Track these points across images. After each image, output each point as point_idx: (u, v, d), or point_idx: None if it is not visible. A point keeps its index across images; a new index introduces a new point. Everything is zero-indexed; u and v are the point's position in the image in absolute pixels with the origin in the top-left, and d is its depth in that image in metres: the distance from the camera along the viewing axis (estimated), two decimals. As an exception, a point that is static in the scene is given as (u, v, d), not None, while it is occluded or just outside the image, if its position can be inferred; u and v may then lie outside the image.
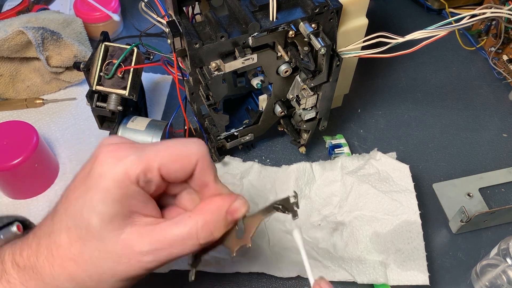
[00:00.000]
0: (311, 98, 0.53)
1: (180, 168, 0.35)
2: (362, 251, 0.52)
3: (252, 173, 0.58)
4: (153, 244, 0.34)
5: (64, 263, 0.34)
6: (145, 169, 0.33)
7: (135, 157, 0.33)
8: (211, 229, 0.35)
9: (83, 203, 0.33)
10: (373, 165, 0.57)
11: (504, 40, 0.69)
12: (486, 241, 0.55)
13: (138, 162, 0.33)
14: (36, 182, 0.58)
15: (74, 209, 0.34)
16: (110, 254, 0.34)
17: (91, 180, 0.33)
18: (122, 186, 0.33)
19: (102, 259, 0.34)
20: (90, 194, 0.33)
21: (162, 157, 0.34)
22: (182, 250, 0.35)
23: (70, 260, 0.34)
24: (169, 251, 0.34)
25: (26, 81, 0.67)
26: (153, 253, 0.34)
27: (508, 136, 0.66)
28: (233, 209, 0.37)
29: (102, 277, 0.34)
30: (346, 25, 0.53)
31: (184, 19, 0.47)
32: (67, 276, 0.34)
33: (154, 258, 0.34)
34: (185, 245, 0.35)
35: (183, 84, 0.51)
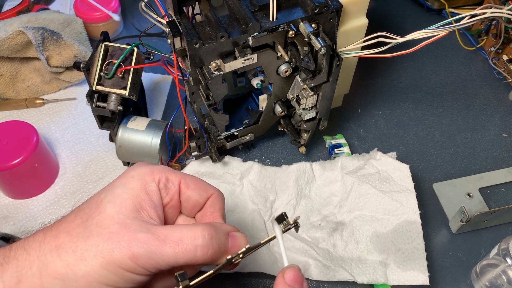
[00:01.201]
0: (311, 98, 0.53)
1: (197, 188, 0.38)
2: (362, 251, 0.52)
3: (252, 173, 0.58)
4: (150, 231, 0.34)
5: (58, 234, 0.34)
6: (168, 175, 0.37)
7: (163, 166, 0.38)
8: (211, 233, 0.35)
9: (105, 188, 0.36)
10: (373, 165, 0.58)
11: (504, 40, 0.69)
12: (486, 241, 0.55)
13: (164, 169, 0.38)
14: (36, 182, 0.58)
15: (93, 196, 0.36)
16: (105, 229, 0.33)
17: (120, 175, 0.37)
18: (145, 180, 0.36)
19: (94, 234, 0.33)
20: (114, 182, 0.36)
21: (186, 175, 0.39)
22: (174, 250, 0.33)
23: (64, 231, 0.34)
24: (161, 244, 0.33)
25: (26, 81, 0.67)
26: (146, 240, 0.33)
27: (508, 136, 0.66)
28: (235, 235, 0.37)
29: (85, 254, 0.33)
30: (346, 25, 0.53)
31: (184, 19, 0.47)
32: (53, 246, 0.34)
33: (145, 245, 0.33)
34: (180, 245, 0.33)
35: (183, 84, 0.51)
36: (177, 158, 0.58)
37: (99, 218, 0.34)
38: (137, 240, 0.33)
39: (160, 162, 0.56)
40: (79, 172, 0.61)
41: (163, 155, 0.57)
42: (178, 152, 0.62)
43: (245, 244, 0.36)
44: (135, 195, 0.35)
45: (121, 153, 0.56)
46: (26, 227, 0.55)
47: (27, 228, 0.55)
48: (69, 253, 0.33)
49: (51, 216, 0.56)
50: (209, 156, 0.60)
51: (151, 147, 0.55)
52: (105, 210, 0.34)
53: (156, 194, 0.37)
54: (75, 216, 0.35)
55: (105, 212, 0.34)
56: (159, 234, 0.34)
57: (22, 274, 0.33)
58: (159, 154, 0.55)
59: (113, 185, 0.36)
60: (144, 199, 0.36)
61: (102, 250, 0.33)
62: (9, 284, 0.33)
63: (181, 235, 0.34)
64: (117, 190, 0.35)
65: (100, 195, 0.36)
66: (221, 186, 0.57)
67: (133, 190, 0.35)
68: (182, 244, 0.34)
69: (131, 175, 0.36)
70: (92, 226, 0.34)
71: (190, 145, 0.57)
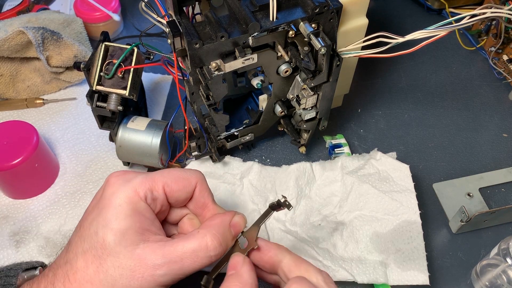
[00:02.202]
0: (311, 98, 0.53)
1: (182, 187, 0.40)
2: (362, 251, 0.52)
3: (252, 173, 0.58)
4: (166, 257, 0.35)
5: (81, 286, 0.35)
6: (151, 187, 0.38)
7: (142, 177, 0.38)
8: (219, 240, 0.37)
9: (97, 223, 0.36)
10: (373, 165, 0.58)
11: (504, 40, 0.69)
12: (486, 241, 0.55)
13: (145, 181, 0.38)
14: (36, 182, 0.58)
15: (89, 232, 0.36)
16: (125, 270, 0.35)
17: (104, 201, 0.37)
18: (132, 202, 0.36)
19: (117, 277, 0.35)
20: (103, 213, 0.36)
21: (166, 177, 0.39)
22: (193, 263, 0.36)
23: (86, 282, 0.35)
24: (181, 264, 0.36)
25: (26, 81, 0.67)
26: (166, 266, 0.35)
27: (508, 136, 0.66)
28: (234, 223, 0.40)
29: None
30: (346, 25, 0.53)
31: (184, 19, 0.47)
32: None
33: (167, 272, 0.35)
34: (196, 257, 0.36)
35: (183, 84, 0.51)
36: (177, 158, 0.58)
37: (112, 261, 0.35)
38: (159, 269, 0.35)
39: (160, 162, 0.56)
40: (79, 172, 0.61)
41: (163, 155, 0.57)
42: (178, 152, 0.62)
43: (244, 224, 0.40)
44: (132, 222, 0.36)
45: (121, 153, 0.56)
46: (26, 227, 0.55)
47: (27, 228, 0.55)
48: None
49: (51, 216, 0.56)
50: (209, 156, 0.60)
51: (151, 147, 0.55)
52: (114, 250, 0.35)
53: (148, 211, 0.38)
54: (85, 262, 0.36)
55: (115, 252, 0.35)
56: (174, 257, 0.36)
57: None
58: (159, 154, 0.55)
59: (105, 217, 0.36)
60: (141, 221, 0.37)
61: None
62: None
63: (194, 251, 0.36)
64: (112, 224, 0.36)
65: (97, 232, 0.36)
66: (221, 186, 0.57)
67: (128, 218, 0.36)
68: (198, 258, 0.36)
69: (118, 203, 0.36)
70: (110, 270, 0.35)
71: (190, 145, 0.57)
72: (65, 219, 0.56)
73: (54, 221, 0.56)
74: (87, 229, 0.37)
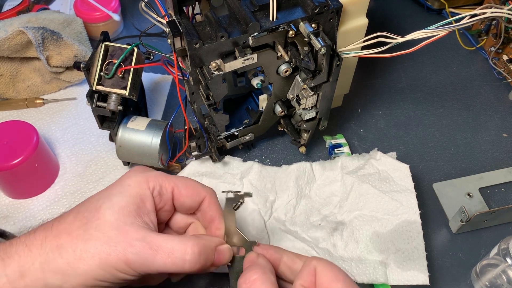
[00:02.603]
0: (311, 98, 0.53)
1: (190, 194, 0.42)
2: (362, 251, 0.52)
3: (252, 173, 0.58)
4: (145, 240, 0.37)
5: (59, 234, 0.37)
6: (161, 183, 0.40)
7: (157, 173, 0.41)
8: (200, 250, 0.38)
9: (102, 194, 0.39)
10: (373, 165, 0.58)
11: (504, 40, 0.69)
12: (486, 241, 0.55)
13: (158, 176, 0.41)
14: (36, 182, 0.58)
15: (92, 199, 0.39)
16: (104, 235, 0.36)
17: (116, 182, 0.40)
18: (140, 187, 0.39)
19: (93, 237, 0.36)
20: (111, 188, 0.39)
21: (179, 180, 0.42)
22: (166, 259, 0.37)
23: (65, 232, 0.37)
24: (155, 254, 0.36)
25: (26, 81, 0.67)
26: (140, 248, 0.36)
27: (508, 136, 0.66)
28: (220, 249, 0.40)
29: (84, 255, 0.36)
30: (346, 25, 0.53)
31: (184, 19, 0.47)
32: (54, 245, 0.37)
33: (139, 252, 0.36)
34: (171, 255, 0.37)
35: (183, 84, 0.51)
36: (177, 158, 0.59)
37: (98, 223, 0.37)
38: (132, 247, 0.36)
39: (160, 162, 0.56)
40: (79, 172, 0.61)
41: (163, 155, 0.57)
42: (178, 152, 0.62)
43: (230, 257, 0.40)
44: (132, 202, 0.38)
45: (121, 153, 0.56)
46: (26, 227, 0.55)
47: (27, 228, 0.55)
48: (70, 253, 0.36)
49: (51, 216, 0.56)
50: (209, 156, 0.60)
51: (151, 147, 0.55)
52: (104, 216, 0.37)
53: (150, 201, 0.40)
54: (74, 218, 0.38)
55: (104, 218, 0.37)
56: (153, 243, 0.37)
57: (25, 269, 0.36)
58: (159, 154, 0.55)
59: (111, 193, 0.39)
60: (140, 206, 0.39)
61: (99, 252, 0.36)
62: (13, 277, 0.36)
63: (172, 248, 0.37)
64: (115, 198, 0.38)
65: (98, 200, 0.39)
66: (221, 186, 0.57)
67: (130, 198, 0.38)
68: (172, 257, 0.37)
69: (127, 183, 0.39)
70: (92, 229, 0.37)
71: (190, 145, 0.57)
72: (65, 219, 0.56)
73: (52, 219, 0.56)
74: (93, 199, 0.39)
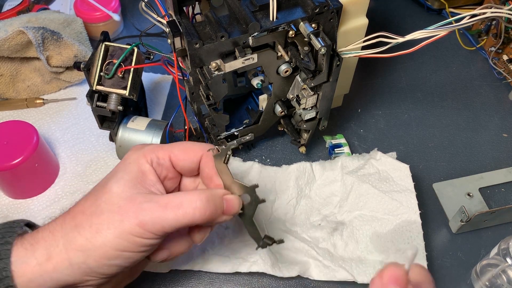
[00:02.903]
0: (311, 98, 0.53)
1: (187, 157, 0.43)
2: (362, 251, 0.52)
3: (252, 173, 0.58)
4: (152, 200, 0.39)
5: (75, 215, 0.39)
6: (158, 153, 0.42)
7: (153, 145, 0.43)
8: (207, 197, 0.39)
9: (107, 176, 0.41)
10: (373, 165, 0.58)
11: (504, 40, 0.69)
12: (486, 241, 0.55)
13: (154, 148, 0.43)
14: (36, 182, 0.58)
15: (99, 183, 0.42)
16: (113, 206, 0.38)
17: (119, 163, 0.42)
18: (139, 163, 0.41)
19: (104, 210, 0.38)
20: (115, 169, 0.42)
21: (174, 147, 0.43)
22: (176, 212, 0.38)
23: (79, 212, 0.39)
24: (163, 210, 0.38)
25: (27, 81, 0.67)
26: (149, 209, 0.38)
27: (508, 136, 0.66)
28: (228, 198, 0.41)
29: (100, 227, 0.38)
30: (346, 25, 0.53)
31: (184, 19, 0.47)
32: (73, 225, 0.39)
33: (149, 213, 0.38)
34: (180, 207, 0.38)
35: (183, 84, 0.51)
36: (177, 158, 0.58)
37: (106, 196, 0.39)
38: (143, 209, 0.38)
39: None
40: (79, 172, 0.61)
41: (163, 155, 0.57)
42: (178, 152, 0.62)
43: (239, 205, 0.42)
44: (135, 177, 0.40)
45: (121, 153, 0.56)
46: (26, 227, 0.55)
47: (27, 228, 0.55)
48: (86, 229, 0.38)
49: (51, 216, 0.56)
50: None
51: (151, 147, 0.55)
52: (111, 190, 0.39)
53: (152, 173, 0.41)
54: (86, 199, 0.41)
55: (111, 191, 0.39)
56: (161, 201, 0.39)
57: (51, 251, 0.38)
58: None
59: (115, 171, 0.41)
60: (143, 178, 0.41)
61: (113, 222, 0.38)
62: (41, 260, 0.38)
63: (180, 200, 0.39)
64: (118, 173, 0.41)
65: (105, 179, 0.41)
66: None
67: (132, 172, 0.41)
68: (182, 208, 0.38)
69: (128, 162, 0.42)
70: (102, 204, 0.39)
71: (190, 145, 0.57)
72: (65, 219, 0.56)
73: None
74: (101, 181, 0.42)
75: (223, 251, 0.52)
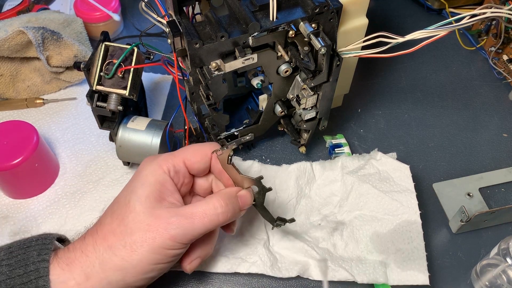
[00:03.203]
0: (311, 98, 0.53)
1: (200, 158, 0.46)
2: (362, 251, 0.52)
3: (252, 172, 0.58)
4: (178, 214, 0.41)
5: (105, 236, 0.41)
6: (173, 162, 0.44)
7: (166, 155, 0.45)
8: (225, 201, 0.43)
9: (127, 192, 0.43)
10: (374, 165, 0.58)
11: (504, 40, 0.69)
12: (486, 241, 0.55)
13: (168, 158, 0.44)
14: (36, 182, 0.58)
15: (119, 199, 0.43)
16: (142, 224, 0.41)
17: (135, 175, 0.44)
18: (156, 174, 0.43)
19: (135, 229, 0.41)
20: (133, 184, 0.43)
21: (185, 152, 0.46)
22: (202, 220, 0.42)
23: (109, 233, 0.41)
24: (191, 221, 0.41)
25: (27, 81, 0.67)
26: (178, 222, 0.41)
27: (508, 136, 0.66)
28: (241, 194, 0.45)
29: (134, 246, 0.40)
30: (346, 25, 0.53)
31: (184, 19, 0.47)
32: (106, 246, 0.41)
33: (179, 226, 0.41)
34: (205, 215, 0.42)
35: (183, 84, 0.51)
36: (177, 158, 0.58)
37: (132, 216, 0.41)
38: (171, 224, 0.41)
39: (160, 162, 0.56)
40: (79, 172, 0.61)
41: (163, 155, 0.57)
42: (178, 152, 0.62)
43: (252, 197, 0.46)
44: (154, 190, 0.42)
45: (121, 153, 0.56)
46: (26, 227, 0.55)
47: (27, 228, 0.55)
48: (121, 249, 0.40)
49: (51, 216, 0.56)
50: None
51: (151, 147, 0.55)
52: (135, 209, 0.41)
53: (170, 183, 0.44)
54: (111, 219, 0.42)
55: (136, 210, 0.41)
56: (187, 214, 0.42)
57: (88, 272, 0.40)
58: (159, 154, 0.55)
59: (134, 186, 0.43)
60: (162, 190, 0.43)
61: (147, 240, 0.40)
62: (80, 280, 0.40)
63: (203, 210, 0.42)
64: (139, 190, 0.42)
65: (126, 197, 0.43)
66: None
67: (151, 186, 0.42)
68: (207, 216, 0.42)
69: (145, 174, 0.43)
70: (131, 223, 0.41)
71: (190, 145, 0.57)
72: (65, 219, 0.56)
73: (54, 221, 0.56)
74: (119, 196, 0.44)
75: (222, 251, 0.52)
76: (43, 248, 0.41)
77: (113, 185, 0.59)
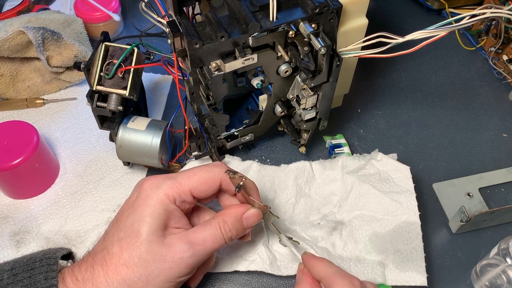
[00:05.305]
0: (311, 98, 0.53)
1: (208, 188, 0.45)
2: (361, 251, 0.52)
3: (251, 172, 0.58)
4: (190, 241, 0.42)
5: (117, 268, 0.40)
6: (179, 191, 0.43)
7: (171, 183, 0.44)
8: (229, 227, 0.44)
9: (133, 217, 0.42)
10: (374, 166, 0.58)
11: (504, 40, 0.69)
12: (486, 241, 0.55)
13: (173, 187, 0.43)
14: (36, 182, 0.58)
15: (125, 224, 0.42)
16: (157, 255, 0.41)
17: (139, 201, 0.43)
18: (164, 203, 0.42)
19: (150, 260, 0.41)
20: (139, 211, 0.42)
21: (192, 181, 0.44)
22: (214, 244, 0.43)
23: (121, 265, 0.41)
24: (204, 246, 0.42)
25: (27, 81, 0.67)
26: (192, 249, 0.42)
27: (508, 136, 0.66)
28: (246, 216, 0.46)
29: (150, 277, 0.40)
30: (346, 25, 0.53)
31: (184, 19, 0.47)
32: (119, 279, 0.40)
33: (193, 253, 0.42)
34: (215, 239, 0.43)
35: (183, 84, 0.51)
36: (177, 158, 0.59)
37: (145, 247, 0.41)
38: (185, 253, 0.41)
39: (160, 162, 0.56)
40: (80, 172, 0.61)
41: (163, 155, 0.57)
42: (178, 152, 0.62)
43: (258, 217, 0.47)
44: (163, 220, 0.42)
45: (122, 153, 0.56)
46: (26, 227, 0.55)
47: (27, 228, 0.55)
48: (136, 281, 0.40)
49: (51, 216, 0.56)
50: (209, 156, 0.60)
51: (151, 147, 0.55)
52: (147, 240, 0.41)
53: (177, 211, 0.44)
54: (120, 248, 0.41)
55: (148, 241, 0.41)
56: (198, 241, 0.42)
57: None
58: (159, 154, 0.55)
59: (141, 214, 0.42)
60: (170, 218, 0.43)
61: (162, 270, 0.41)
62: None
63: (213, 234, 0.43)
64: (148, 219, 0.42)
65: (133, 224, 0.42)
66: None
67: (159, 216, 0.42)
68: (216, 241, 0.43)
69: (152, 204, 0.42)
70: (144, 255, 0.41)
71: (190, 145, 0.57)
72: (65, 219, 0.56)
73: (55, 221, 0.56)
74: (123, 221, 0.42)
75: (221, 251, 0.52)
76: (49, 270, 0.41)
77: (113, 185, 0.59)
